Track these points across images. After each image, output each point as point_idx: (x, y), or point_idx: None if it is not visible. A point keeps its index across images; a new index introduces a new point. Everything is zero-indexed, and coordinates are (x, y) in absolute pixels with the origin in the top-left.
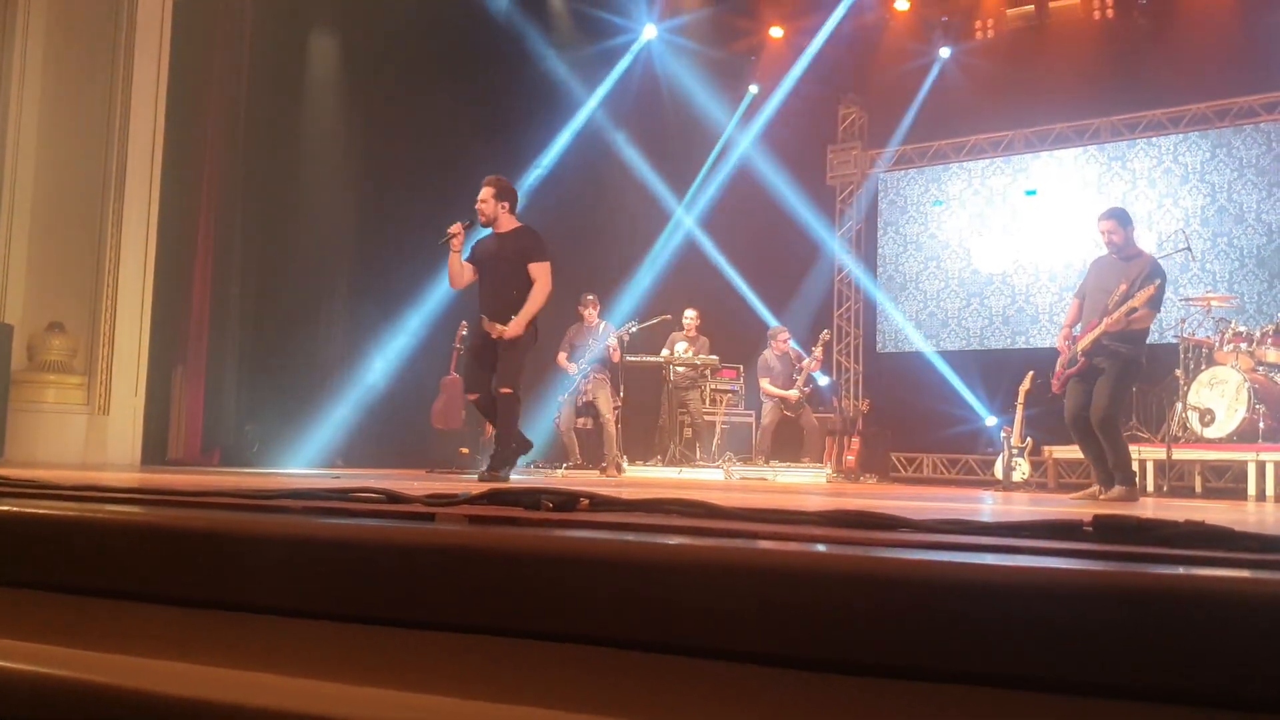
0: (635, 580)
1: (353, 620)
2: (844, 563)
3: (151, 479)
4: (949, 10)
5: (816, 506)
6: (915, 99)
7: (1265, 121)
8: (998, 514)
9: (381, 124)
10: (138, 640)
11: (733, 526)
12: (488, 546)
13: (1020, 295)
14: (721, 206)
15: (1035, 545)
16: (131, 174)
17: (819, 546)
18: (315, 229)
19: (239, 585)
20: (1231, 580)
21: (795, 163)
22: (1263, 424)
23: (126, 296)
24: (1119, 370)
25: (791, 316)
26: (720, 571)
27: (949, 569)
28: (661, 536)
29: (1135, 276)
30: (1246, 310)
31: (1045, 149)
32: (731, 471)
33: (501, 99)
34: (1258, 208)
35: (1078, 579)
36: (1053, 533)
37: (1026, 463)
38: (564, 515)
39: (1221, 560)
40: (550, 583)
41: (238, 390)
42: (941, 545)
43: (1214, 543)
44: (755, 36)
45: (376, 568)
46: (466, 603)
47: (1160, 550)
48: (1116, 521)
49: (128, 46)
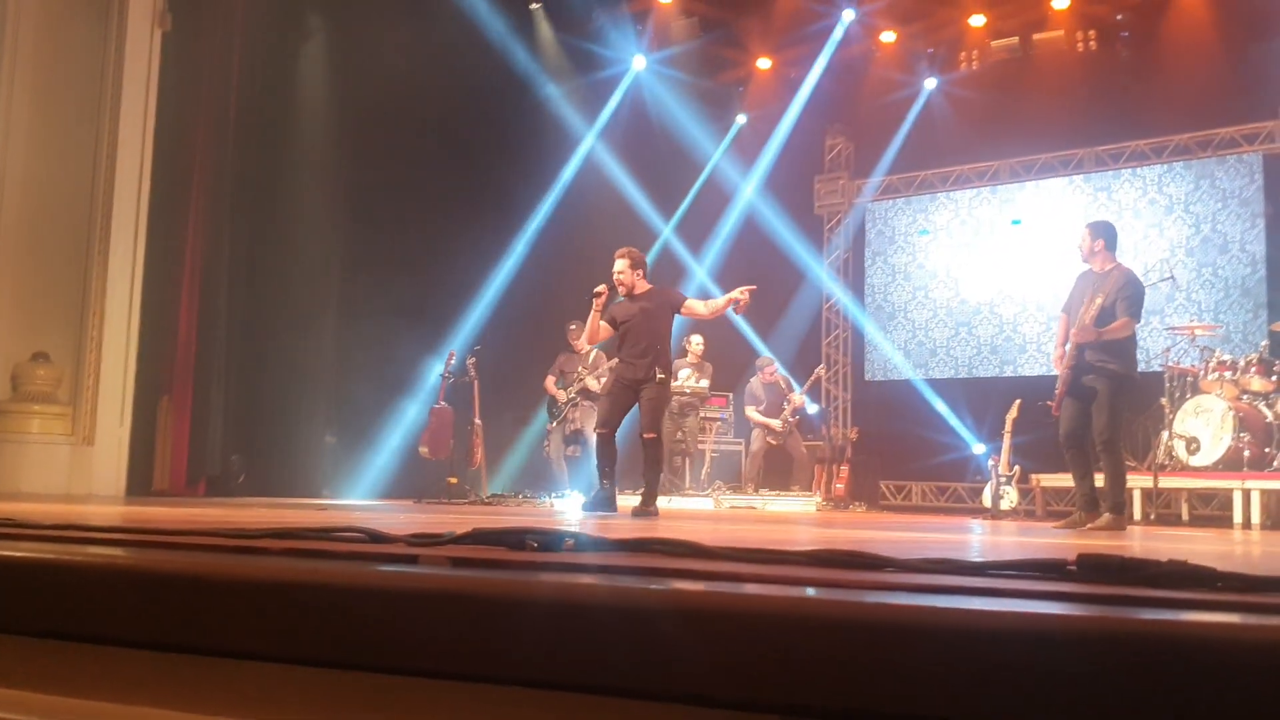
0: (619, 626)
1: (335, 666)
2: (828, 607)
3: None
4: (934, 42)
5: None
6: (901, 129)
7: (1247, 152)
8: (985, 549)
9: (371, 155)
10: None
11: (717, 569)
12: (469, 591)
13: (1008, 324)
14: (710, 236)
15: (1019, 588)
16: (118, 203)
17: (804, 590)
18: (304, 259)
19: (220, 630)
20: (1215, 625)
21: (783, 192)
22: (1247, 452)
23: (112, 326)
24: (1112, 389)
25: (780, 345)
26: (705, 617)
27: (933, 615)
28: (645, 580)
29: (1110, 288)
30: (1231, 339)
31: (1031, 179)
32: (721, 500)
33: (493, 124)
34: (1241, 238)
35: (1062, 625)
36: (1037, 572)
37: (1014, 491)
38: (548, 557)
39: (1205, 603)
40: (533, 628)
41: (224, 420)
42: (926, 588)
43: (1198, 583)
44: (743, 68)
45: (358, 612)
46: (449, 648)
47: (1144, 592)
48: (1101, 561)
49: (116, 75)
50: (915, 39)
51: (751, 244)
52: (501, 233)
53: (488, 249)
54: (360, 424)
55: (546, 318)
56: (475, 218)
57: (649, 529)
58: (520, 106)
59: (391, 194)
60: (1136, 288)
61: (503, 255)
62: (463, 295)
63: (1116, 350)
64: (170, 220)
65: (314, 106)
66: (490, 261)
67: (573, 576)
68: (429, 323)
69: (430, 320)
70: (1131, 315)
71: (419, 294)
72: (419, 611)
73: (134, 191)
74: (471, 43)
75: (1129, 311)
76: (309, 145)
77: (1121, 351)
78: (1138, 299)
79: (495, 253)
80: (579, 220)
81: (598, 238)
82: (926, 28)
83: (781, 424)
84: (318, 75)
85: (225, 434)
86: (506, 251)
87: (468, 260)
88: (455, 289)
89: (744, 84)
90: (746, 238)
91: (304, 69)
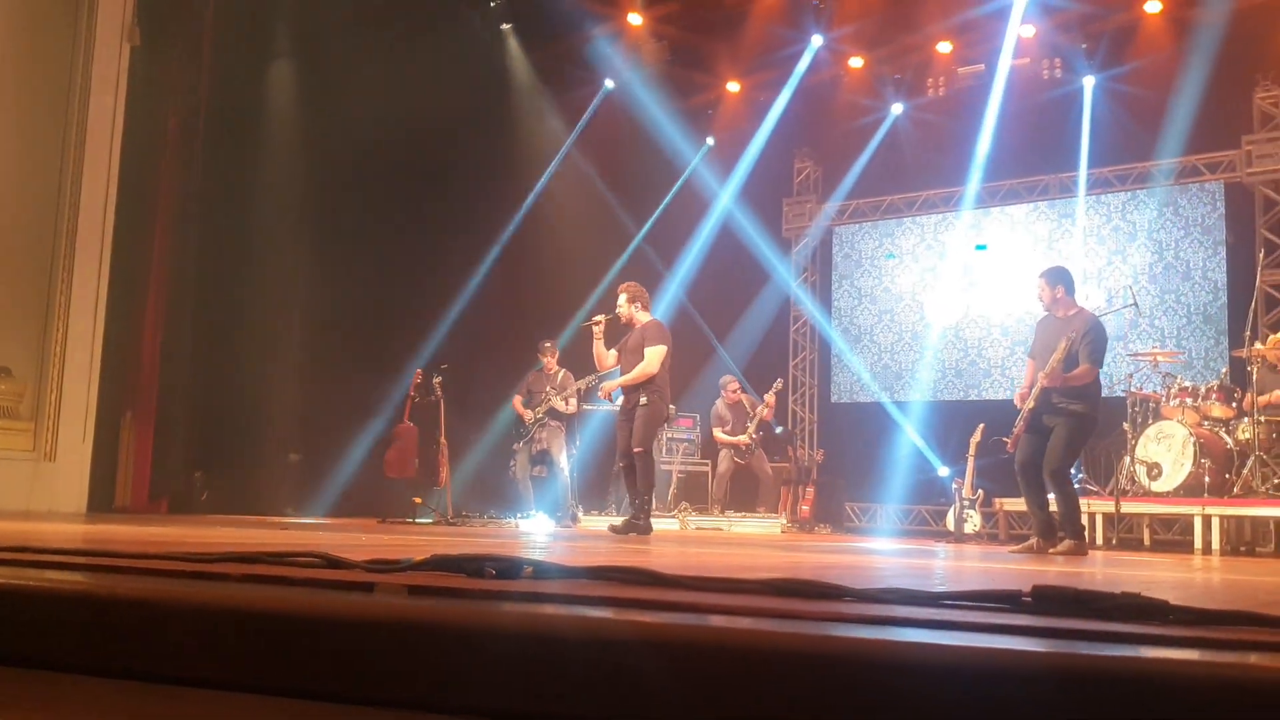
0: (577, 657)
1: (292, 695)
2: (785, 640)
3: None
4: (901, 68)
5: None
6: (868, 153)
7: (1209, 180)
8: (945, 575)
9: (337, 174)
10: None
11: (678, 598)
12: (425, 620)
13: (972, 348)
14: (678, 258)
15: (974, 620)
16: (84, 218)
17: (763, 621)
18: (270, 276)
19: (175, 657)
20: (1163, 661)
21: (751, 214)
22: (1208, 478)
23: (76, 341)
24: (1072, 426)
25: (748, 366)
26: (664, 648)
27: (887, 648)
28: (605, 610)
29: (1074, 334)
30: (1194, 366)
31: (996, 204)
32: (687, 521)
33: (461, 143)
34: (1204, 265)
35: (1015, 660)
36: (993, 604)
37: (978, 514)
38: (506, 585)
39: (1156, 638)
40: (489, 659)
41: (187, 437)
42: (882, 620)
43: (1150, 616)
44: (713, 91)
45: (314, 640)
46: (406, 678)
47: (1097, 626)
48: (1055, 593)
49: (83, 89)
50: (883, 64)
51: (720, 266)
52: (468, 251)
53: (455, 267)
54: (324, 442)
55: (513, 336)
56: (442, 236)
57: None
58: (488, 125)
59: (357, 212)
60: (1100, 334)
61: (470, 273)
62: (429, 314)
63: (1079, 393)
64: (136, 236)
65: (281, 124)
66: (457, 279)
67: (531, 606)
68: (394, 341)
69: (396, 339)
70: (1093, 362)
71: (384, 313)
72: (375, 641)
73: (100, 207)
74: (441, 61)
75: (1090, 359)
76: (275, 162)
77: (1084, 394)
78: (1100, 345)
79: (462, 271)
80: (546, 240)
81: (565, 256)
82: (894, 53)
83: (748, 438)
84: (285, 93)
85: (188, 451)
86: (474, 269)
87: (434, 278)
88: (421, 308)
89: (713, 107)
90: (715, 260)
91: (272, 86)
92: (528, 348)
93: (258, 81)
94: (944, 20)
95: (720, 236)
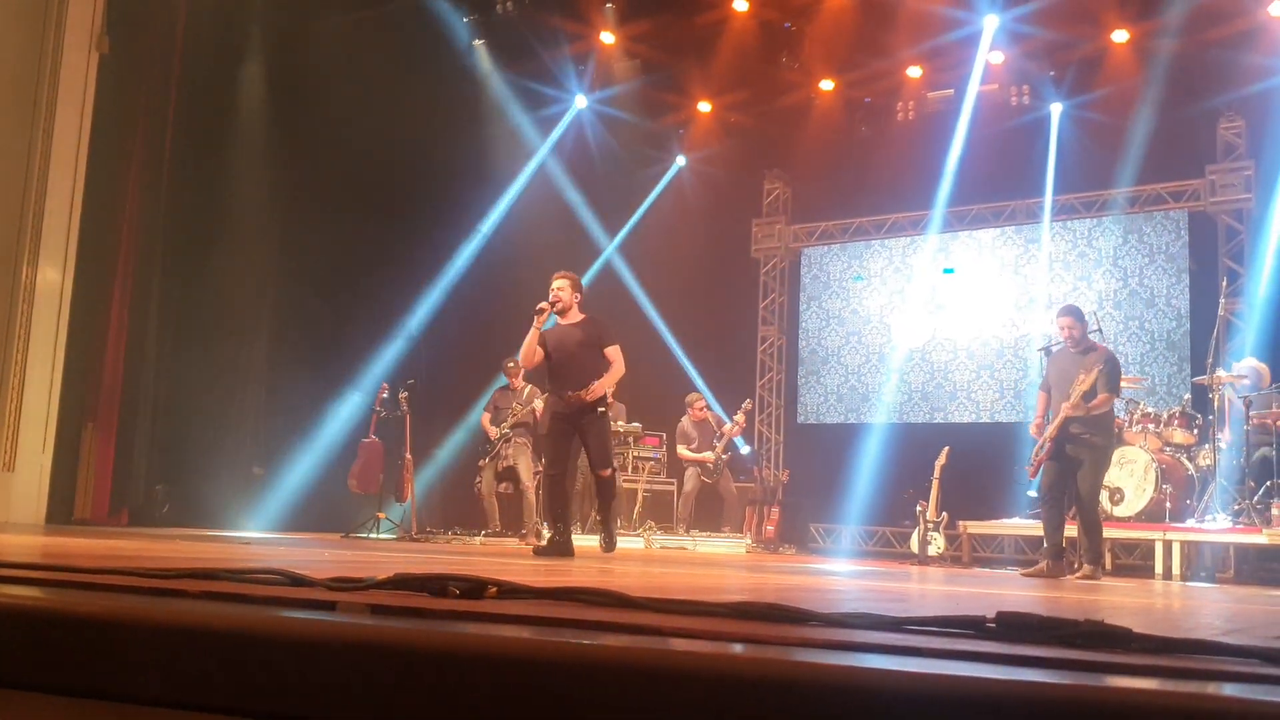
0: (539, 680)
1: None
2: (749, 664)
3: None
4: (872, 92)
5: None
6: (838, 176)
7: (1174, 209)
8: (910, 600)
9: (305, 187)
10: None
11: (642, 621)
12: (388, 641)
13: (939, 371)
14: (647, 276)
15: (938, 646)
16: (48, 227)
17: (726, 645)
18: (236, 287)
19: (132, 675)
20: (1125, 690)
21: (721, 235)
22: (1169, 504)
23: (38, 349)
24: (1095, 461)
25: (715, 386)
26: (627, 671)
27: (850, 674)
28: (568, 633)
29: (1092, 366)
30: (1157, 392)
31: (963, 229)
32: (652, 540)
33: (430, 159)
34: (1168, 292)
35: (978, 688)
36: (957, 629)
37: (942, 537)
38: (470, 605)
39: (1119, 666)
40: (452, 680)
41: (149, 449)
42: (846, 645)
43: (1113, 643)
44: (684, 110)
45: (274, 660)
46: (367, 699)
47: (1060, 653)
48: (1019, 619)
49: (50, 97)
50: (853, 87)
51: (688, 285)
52: (435, 265)
53: (422, 281)
54: (288, 456)
55: (479, 352)
56: (410, 249)
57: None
58: (458, 139)
59: (326, 226)
60: (1115, 366)
61: (437, 288)
62: (393, 329)
63: (1098, 424)
64: (101, 245)
65: (250, 135)
66: (424, 294)
67: (494, 628)
68: (358, 356)
69: (360, 354)
70: (1111, 391)
71: (349, 327)
72: (337, 661)
73: (65, 215)
74: (412, 76)
75: (1108, 388)
76: (243, 174)
77: (1103, 425)
78: (1117, 376)
79: (429, 285)
80: (515, 255)
81: (533, 272)
82: (864, 77)
83: (714, 455)
84: (255, 104)
85: (150, 463)
86: (441, 284)
87: (400, 294)
88: (386, 323)
89: (684, 126)
90: (683, 279)
91: (241, 97)
92: (494, 364)
93: (228, 89)
94: (915, 46)
95: (689, 256)
